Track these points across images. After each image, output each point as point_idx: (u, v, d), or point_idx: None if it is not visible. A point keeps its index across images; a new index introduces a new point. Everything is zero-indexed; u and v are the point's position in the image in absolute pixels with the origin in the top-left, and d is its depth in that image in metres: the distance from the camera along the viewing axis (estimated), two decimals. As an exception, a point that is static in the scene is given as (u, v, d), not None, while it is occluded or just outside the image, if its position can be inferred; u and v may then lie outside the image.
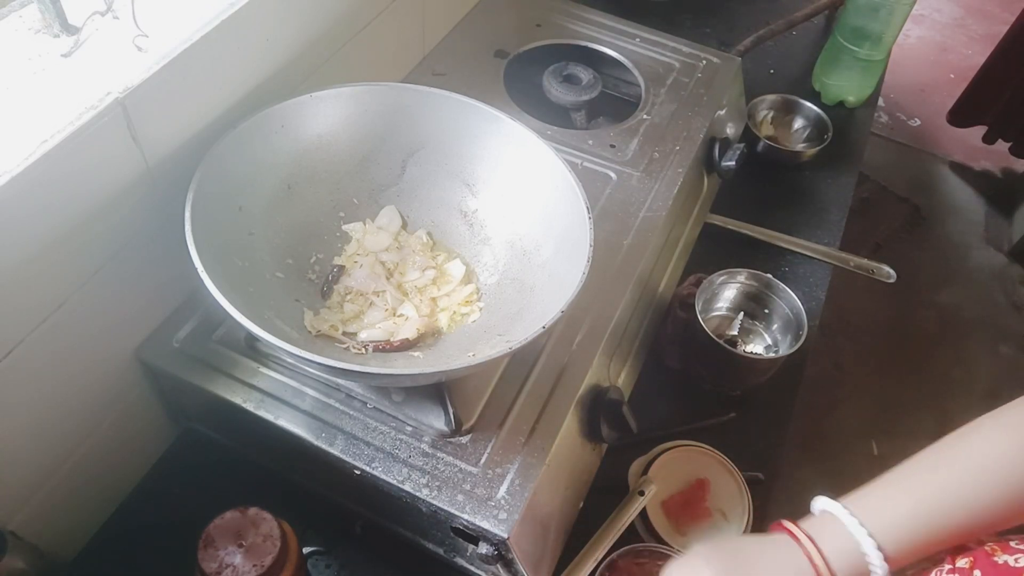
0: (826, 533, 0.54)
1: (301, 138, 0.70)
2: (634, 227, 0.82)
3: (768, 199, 1.09)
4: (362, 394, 0.67)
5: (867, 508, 0.54)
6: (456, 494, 0.62)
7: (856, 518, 0.53)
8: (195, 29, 0.61)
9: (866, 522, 0.53)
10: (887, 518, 0.53)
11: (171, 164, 0.63)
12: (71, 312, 0.59)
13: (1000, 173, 2.50)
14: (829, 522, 0.54)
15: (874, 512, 0.53)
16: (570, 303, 0.58)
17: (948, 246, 2.27)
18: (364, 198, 0.75)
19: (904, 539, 0.52)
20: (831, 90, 1.24)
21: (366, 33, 0.84)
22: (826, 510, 0.55)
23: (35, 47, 0.58)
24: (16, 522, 0.61)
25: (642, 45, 1.05)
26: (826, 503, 0.55)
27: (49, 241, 0.55)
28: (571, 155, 0.88)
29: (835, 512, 0.54)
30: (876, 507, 0.54)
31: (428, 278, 0.72)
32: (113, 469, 0.71)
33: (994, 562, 0.55)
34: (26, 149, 0.51)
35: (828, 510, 0.55)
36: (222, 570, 0.56)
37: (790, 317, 0.87)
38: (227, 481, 0.72)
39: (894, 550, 0.52)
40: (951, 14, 3.06)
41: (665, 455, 0.78)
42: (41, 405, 0.60)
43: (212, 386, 0.66)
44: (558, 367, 0.70)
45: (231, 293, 0.54)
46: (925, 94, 2.72)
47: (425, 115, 0.73)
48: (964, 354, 2.01)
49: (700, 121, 0.95)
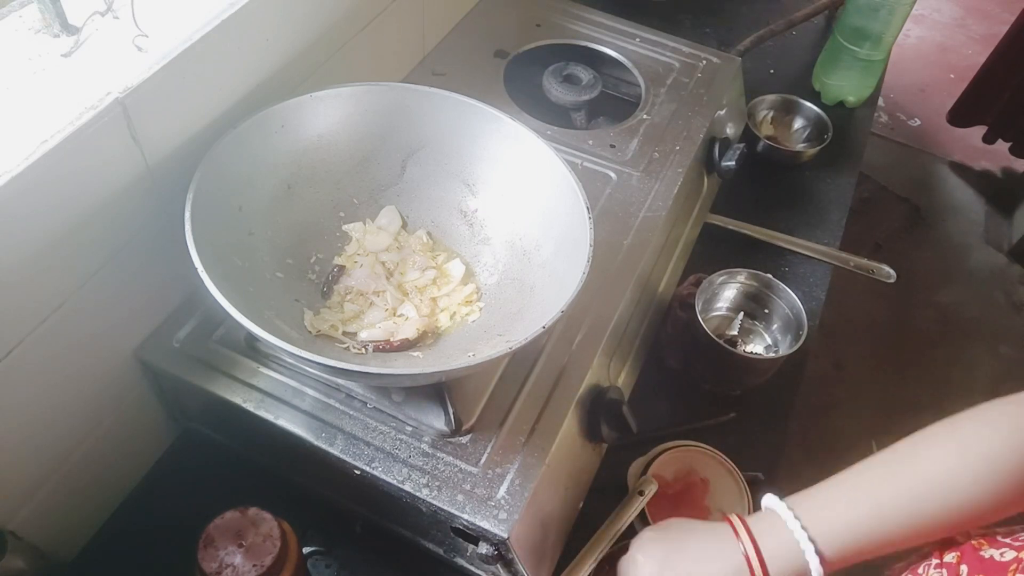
0: (769, 530, 0.55)
1: (301, 138, 0.70)
2: (634, 227, 0.82)
3: (768, 199, 1.09)
4: (362, 394, 0.67)
5: (810, 510, 0.55)
6: (456, 494, 0.62)
7: (799, 520, 0.54)
8: (195, 29, 0.61)
9: (808, 524, 0.54)
10: (829, 522, 0.54)
11: (171, 164, 0.63)
12: (71, 312, 0.59)
13: (1000, 173, 2.50)
14: (773, 520, 0.56)
15: (817, 514, 0.55)
16: (570, 303, 0.58)
17: (948, 246, 2.28)
18: (364, 198, 0.75)
19: (843, 544, 0.54)
20: (831, 90, 1.23)
21: (366, 33, 0.84)
22: (771, 508, 0.56)
23: (35, 47, 0.58)
24: (16, 522, 0.61)
25: (642, 45, 1.05)
26: (772, 501, 0.57)
27: (49, 241, 0.55)
28: (571, 155, 0.88)
29: (779, 511, 0.55)
30: (819, 509, 0.55)
31: (428, 278, 0.72)
32: (113, 469, 0.71)
33: (980, 556, 0.55)
34: (26, 149, 0.51)
35: (773, 508, 0.56)
36: (222, 570, 0.56)
37: (790, 317, 0.87)
38: (227, 481, 0.72)
39: (832, 553, 0.53)
40: (951, 14, 3.07)
41: (665, 455, 0.78)
42: (41, 405, 0.60)
43: (212, 386, 0.66)
44: (558, 367, 0.70)
45: (231, 293, 0.54)
46: (925, 94, 2.72)
47: (425, 115, 0.73)
48: (964, 354, 2.01)
49: (700, 121, 0.95)
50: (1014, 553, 0.53)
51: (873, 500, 0.54)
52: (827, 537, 0.53)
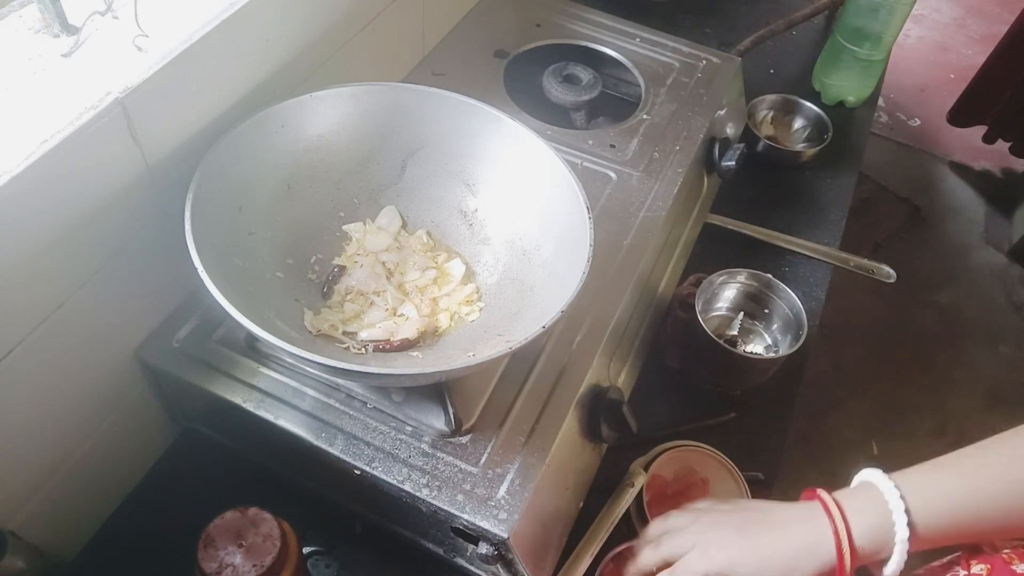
0: (859, 507, 0.54)
1: (301, 138, 0.70)
2: (634, 227, 0.82)
3: (768, 199, 1.09)
4: (362, 394, 0.67)
5: (909, 484, 0.54)
6: (456, 494, 0.62)
7: (898, 490, 0.53)
8: (195, 29, 0.61)
9: (906, 494, 0.53)
10: (926, 499, 0.53)
11: (171, 164, 0.63)
12: (71, 312, 0.59)
13: (1000, 173, 2.50)
14: (865, 495, 0.54)
15: (914, 486, 0.54)
16: (570, 303, 0.58)
17: (948, 246, 2.27)
18: (364, 198, 0.75)
19: (937, 523, 0.53)
20: (831, 90, 1.24)
21: (366, 33, 0.84)
22: (867, 480, 0.55)
23: (35, 47, 0.58)
24: (16, 522, 0.61)
25: (642, 45, 1.05)
26: (870, 473, 0.56)
27: (49, 241, 0.55)
28: (571, 155, 0.88)
29: (876, 481, 0.54)
30: (918, 483, 0.54)
31: (429, 278, 0.72)
32: (113, 469, 0.71)
33: (1012, 570, 0.54)
34: (26, 149, 0.51)
35: (870, 480, 0.55)
36: (222, 570, 0.56)
37: (790, 317, 0.87)
38: (227, 481, 0.72)
39: (924, 530, 0.52)
40: (951, 14, 3.06)
41: (665, 455, 0.78)
42: (41, 405, 0.60)
43: (212, 386, 0.66)
44: (558, 367, 0.70)
45: (231, 293, 0.54)
46: (925, 94, 2.72)
47: (425, 115, 0.73)
48: (964, 354, 2.01)
49: (700, 121, 0.95)
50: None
51: (972, 485, 0.54)
52: (922, 513, 0.53)
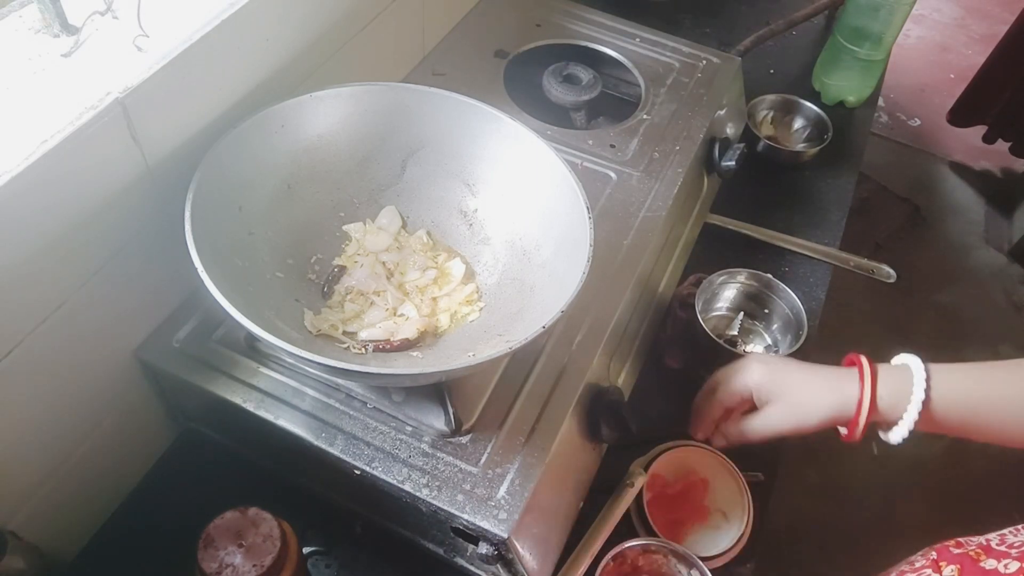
0: (888, 371, 0.63)
1: (301, 138, 0.70)
2: (634, 227, 0.82)
3: (768, 199, 1.09)
4: (362, 394, 0.67)
5: (939, 367, 0.61)
6: (456, 494, 0.62)
7: (926, 369, 0.61)
8: (195, 29, 0.61)
9: (932, 372, 0.60)
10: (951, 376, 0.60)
11: (171, 164, 0.63)
12: (71, 312, 0.59)
13: (1000, 173, 2.50)
14: (897, 367, 0.63)
15: (943, 369, 0.61)
16: (570, 303, 0.58)
17: (948, 246, 2.28)
18: (364, 198, 0.75)
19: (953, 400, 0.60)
20: (831, 90, 1.24)
21: (366, 33, 0.84)
22: (903, 361, 0.63)
23: (35, 47, 0.58)
24: (16, 522, 0.61)
25: (642, 45, 1.05)
26: (905, 356, 0.64)
27: (49, 241, 0.55)
28: (571, 155, 0.88)
29: (910, 360, 0.62)
30: (947, 369, 0.61)
31: (429, 278, 0.72)
32: (113, 469, 0.71)
33: (982, 568, 0.54)
34: (26, 149, 0.51)
35: (905, 361, 0.63)
36: (222, 570, 0.56)
37: (790, 317, 0.87)
38: (227, 481, 0.72)
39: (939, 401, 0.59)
40: (951, 14, 3.07)
41: (665, 455, 0.78)
42: (41, 405, 0.60)
43: (212, 386, 0.66)
44: (558, 367, 0.70)
45: (231, 293, 0.54)
46: (925, 94, 2.72)
47: (425, 115, 0.73)
48: (964, 354, 2.00)
49: (700, 121, 0.95)
50: (1018, 564, 0.52)
51: (995, 387, 0.60)
52: (941, 388, 0.59)
